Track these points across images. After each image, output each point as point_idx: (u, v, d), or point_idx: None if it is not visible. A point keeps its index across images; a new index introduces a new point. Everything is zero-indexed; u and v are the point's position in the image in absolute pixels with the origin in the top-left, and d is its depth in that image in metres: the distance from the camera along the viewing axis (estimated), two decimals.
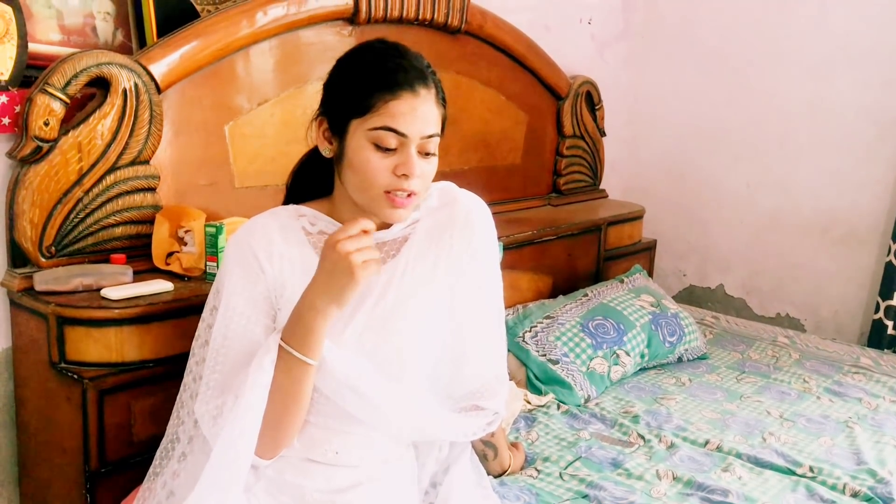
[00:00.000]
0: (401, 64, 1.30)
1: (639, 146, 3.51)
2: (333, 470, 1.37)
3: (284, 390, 1.26)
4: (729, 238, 3.30)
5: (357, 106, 1.29)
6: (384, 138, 1.27)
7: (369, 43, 1.38)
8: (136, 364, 1.63)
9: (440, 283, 1.42)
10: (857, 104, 2.93)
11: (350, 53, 1.37)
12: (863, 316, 2.99)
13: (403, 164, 1.28)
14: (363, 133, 1.29)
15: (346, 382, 1.31)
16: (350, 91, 1.31)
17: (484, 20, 2.51)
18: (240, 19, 1.92)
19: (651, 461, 1.87)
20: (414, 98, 1.28)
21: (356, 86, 1.30)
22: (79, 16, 1.85)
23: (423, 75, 1.31)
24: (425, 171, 1.32)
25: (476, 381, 1.47)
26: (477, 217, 1.46)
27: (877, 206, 2.93)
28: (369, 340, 1.36)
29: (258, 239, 1.35)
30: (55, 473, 1.69)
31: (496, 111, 2.67)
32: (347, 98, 1.31)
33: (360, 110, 1.29)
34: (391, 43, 1.37)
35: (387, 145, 1.28)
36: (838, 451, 1.97)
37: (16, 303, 1.71)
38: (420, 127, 1.29)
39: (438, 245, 1.42)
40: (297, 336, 1.25)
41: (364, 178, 1.30)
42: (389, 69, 1.29)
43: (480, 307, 1.47)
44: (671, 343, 2.49)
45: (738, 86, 3.21)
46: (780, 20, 3.08)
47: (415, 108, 1.28)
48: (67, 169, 1.70)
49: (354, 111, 1.29)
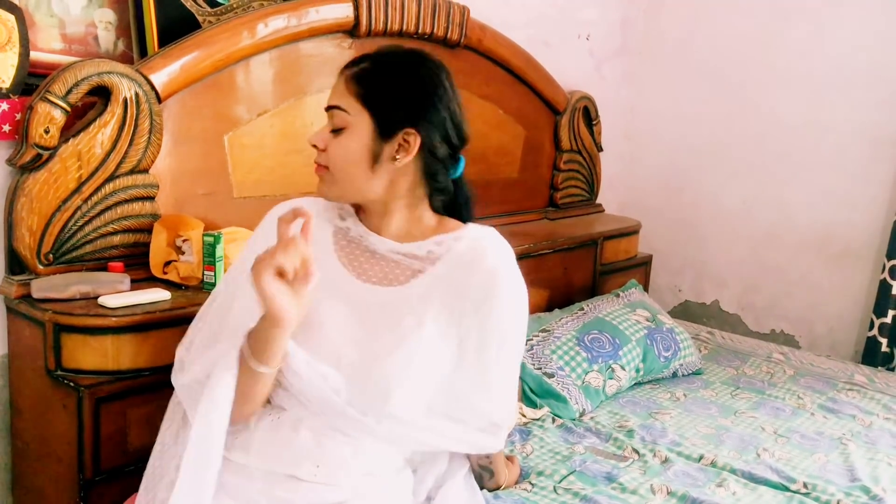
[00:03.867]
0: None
1: (635, 161, 3.52)
2: (319, 487, 1.36)
3: (240, 389, 1.29)
4: (724, 254, 3.31)
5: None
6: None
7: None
8: (132, 372, 1.63)
9: (441, 325, 1.38)
10: (853, 122, 2.95)
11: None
12: (857, 333, 3.00)
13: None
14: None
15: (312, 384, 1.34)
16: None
17: (483, 35, 2.53)
18: (241, 30, 1.93)
19: (645, 476, 1.87)
20: (338, 76, 1.38)
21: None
22: (80, 25, 1.85)
23: (357, 58, 1.39)
24: (331, 144, 1.37)
25: (483, 421, 1.46)
26: (499, 279, 1.41)
27: (872, 224, 2.94)
28: (348, 357, 1.34)
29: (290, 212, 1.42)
30: (49, 481, 1.69)
31: (494, 125, 2.69)
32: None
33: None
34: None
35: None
36: (832, 467, 1.97)
37: (13, 310, 1.71)
38: (329, 99, 1.38)
39: (452, 290, 1.38)
40: (255, 346, 1.28)
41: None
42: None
43: (500, 358, 1.43)
44: (666, 358, 2.49)
45: (734, 103, 3.23)
46: (778, 38, 3.10)
47: (333, 84, 1.39)
48: (67, 177, 1.70)
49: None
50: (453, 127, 1.39)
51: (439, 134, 1.37)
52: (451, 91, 1.40)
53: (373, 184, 1.38)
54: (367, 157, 1.36)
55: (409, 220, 1.43)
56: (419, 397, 1.39)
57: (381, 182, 1.38)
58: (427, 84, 1.38)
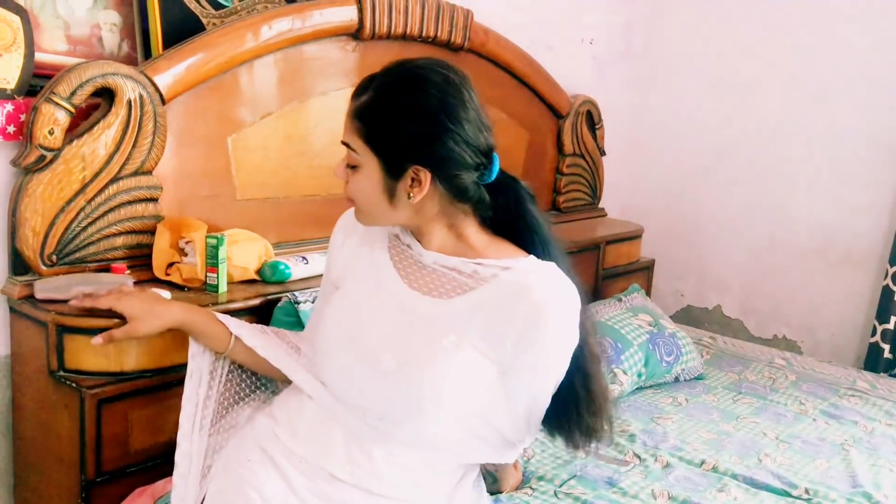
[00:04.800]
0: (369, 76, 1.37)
1: (638, 166, 3.52)
2: (356, 490, 1.38)
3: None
4: (727, 259, 3.31)
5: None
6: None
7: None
8: (134, 374, 1.63)
9: (478, 350, 1.34)
10: (856, 128, 2.95)
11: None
12: (859, 339, 3.00)
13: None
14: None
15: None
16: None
17: (486, 38, 2.53)
18: (245, 33, 1.94)
19: (647, 480, 1.86)
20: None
21: None
22: (85, 26, 1.86)
23: (362, 86, 1.35)
24: (350, 180, 1.37)
25: (504, 442, 1.47)
26: (545, 314, 1.32)
27: (874, 230, 2.94)
28: (386, 363, 1.35)
29: (344, 224, 1.52)
30: (51, 482, 1.69)
31: (497, 129, 2.61)
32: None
33: None
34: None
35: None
36: (834, 473, 1.97)
37: (16, 310, 1.71)
38: (343, 134, 1.36)
39: (495, 321, 1.33)
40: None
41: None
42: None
43: (533, 393, 1.41)
44: (668, 363, 2.49)
45: (737, 108, 3.23)
46: (781, 44, 3.11)
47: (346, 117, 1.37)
48: (70, 178, 1.70)
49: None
50: (469, 147, 1.32)
51: (454, 162, 1.31)
52: (460, 110, 1.31)
53: (398, 214, 1.36)
54: (383, 194, 1.34)
55: (453, 237, 1.39)
56: (449, 414, 1.37)
57: (406, 212, 1.36)
58: (429, 114, 1.30)
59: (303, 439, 1.41)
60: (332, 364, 1.42)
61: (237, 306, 1.77)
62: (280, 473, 1.38)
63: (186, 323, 1.52)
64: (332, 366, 1.42)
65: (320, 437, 1.40)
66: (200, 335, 1.53)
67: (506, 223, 1.42)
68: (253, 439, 1.44)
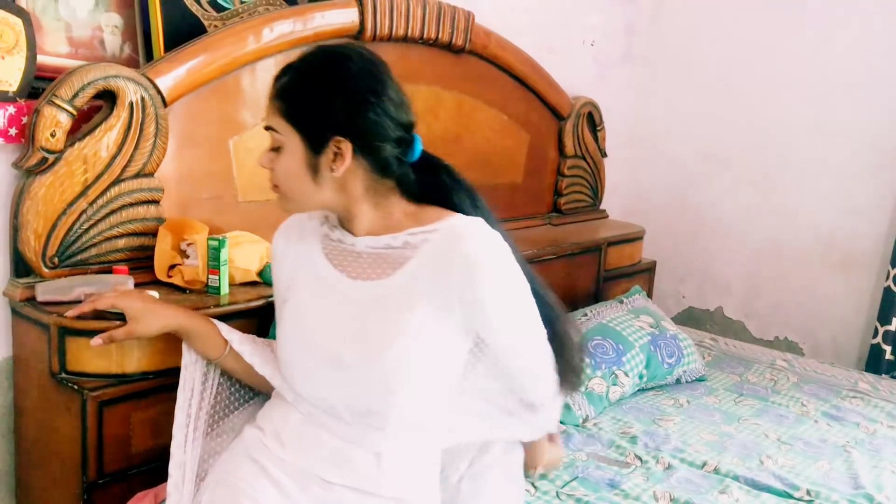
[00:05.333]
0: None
1: (640, 167, 3.53)
2: (350, 492, 1.38)
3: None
4: (728, 261, 3.31)
5: None
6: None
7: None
8: (136, 376, 1.63)
9: (430, 316, 1.35)
10: (858, 130, 2.95)
11: None
12: (861, 340, 3.00)
13: None
14: None
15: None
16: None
17: (488, 40, 2.53)
18: (246, 35, 1.94)
19: (648, 482, 1.86)
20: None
21: None
22: (87, 28, 1.86)
23: (281, 71, 1.38)
24: (274, 164, 1.38)
25: (511, 405, 1.49)
26: (479, 266, 1.33)
27: (876, 232, 2.94)
28: (348, 357, 1.36)
29: (282, 233, 1.54)
30: (52, 484, 1.69)
31: (498, 130, 2.69)
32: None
33: None
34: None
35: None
36: (836, 475, 1.97)
37: (18, 312, 1.71)
38: (265, 119, 1.40)
39: (434, 280, 1.34)
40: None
41: None
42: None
43: (512, 344, 1.42)
44: (670, 364, 2.49)
45: (739, 109, 3.24)
46: (782, 45, 3.11)
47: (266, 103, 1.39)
48: (72, 180, 1.71)
49: None
50: (389, 119, 1.34)
51: (374, 133, 1.33)
52: (380, 86, 1.34)
53: (323, 194, 1.37)
54: (307, 171, 1.35)
55: (379, 216, 1.40)
56: (423, 390, 1.38)
57: (331, 190, 1.37)
58: (349, 89, 1.32)
59: (291, 447, 1.41)
60: (298, 373, 1.43)
61: (239, 308, 1.78)
62: (273, 482, 1.38)
63: (185, 326, 1.52)
64: (298, 375, 1.43)
65: (308, 442, 1.40)
66: (197, 339, 1.53)
67: (431, 195, 1.44)
68: (243, 451, 1.44)
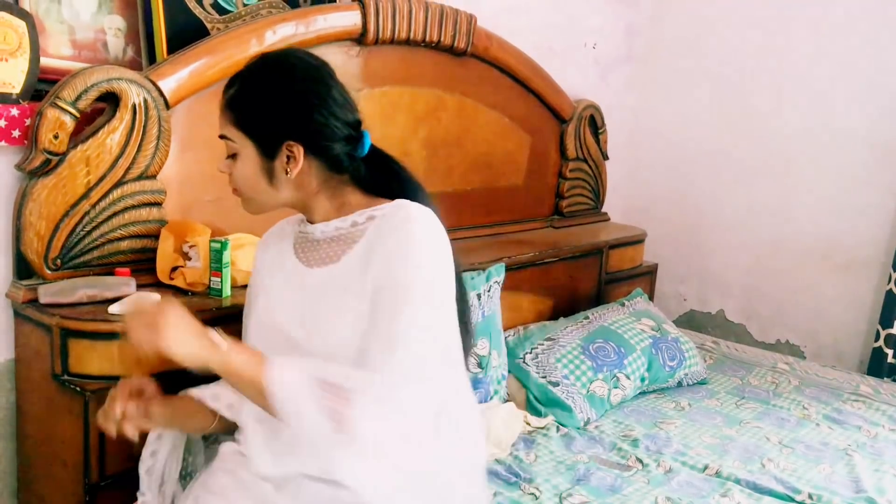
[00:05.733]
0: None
1: (641, 170, 3.53)
2: (329, 486, 1.37)
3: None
4: (729, 263, 3.31)
5: None
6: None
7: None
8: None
9: (365, 290, 1.35)
10: (859, 130, 2.96)
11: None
12: (863, 344, 3.00)
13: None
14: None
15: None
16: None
17: (490, 43, 2.53)
18: (249, 38, 1.94)
19: (649, 485, 1.86)
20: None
21: None
22: (90, 31, 1.86)
23: (229, 81, 1.41)
24: (231, 168, 1.41)
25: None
26: (408, 223, 1.36)
27: (877, 234, 2.94)
28: (296, 338, 1.38)
29: (265, 239, 1.57)
30: (54, 485, 1.69)
31: (500, 133, 2.69)
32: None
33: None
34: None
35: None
36: (837, 478, 1.97)
37: (20, 314, 1.71)
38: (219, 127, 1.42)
39: (373, 251, 1.37)
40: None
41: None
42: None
43: (385, 304, 1.31)
44: (671, 367, 2.49)
45: (739, 111, 3.24)
46: (783, 46, 3.11)
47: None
48: (75, 182, 1.71)
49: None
50: (336, 120, 1.37)
51: (323, 134, 1.37)
52: (323, 88, 1.38)
53: (280, 195, 1.41)
54: (263, 175, 1.39)
55: (336, 206, 1.44)
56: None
57: (288, 190, 1.41)
58: (296, 93, 1.36)
59: (256, 455, 1.41)
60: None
61: (240, 310, 1.77)
62: (251, 494, 1.39)
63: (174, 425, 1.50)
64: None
65: (265, 452, 1.40)
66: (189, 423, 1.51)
67: (384, 188, 1.47)
68: (220, 468, 1.45)
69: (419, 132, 2.40)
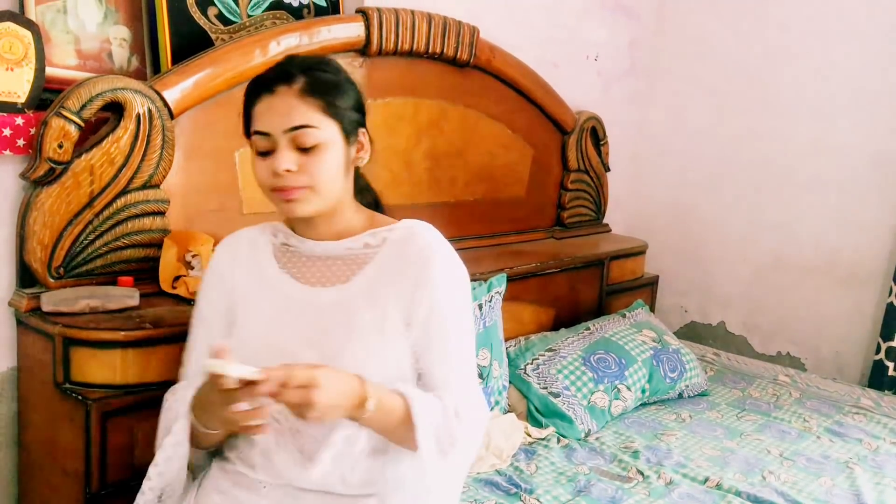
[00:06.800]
0: (268, 72, 1.36)
1: (643, 182, 3.53)
2: (329, 497, 1.37)
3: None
4: (731, 275, 3.31)
5: (245, 122, 1.38)
6: (256, 142, 1.34)
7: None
8: (140, 387, 1.63)
9: (390, 314, 1.37)
10: (860, 146, 2.96)
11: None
12: (864, 357, 2.99)
13: (274, 161, 1.32)
14: (251, 144, 1.36)
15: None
16: (243, 111, 1.39)
17: (492, 55, 2.55)
18: (253, 48, 1.95)
19: (650, 497, 1.86)
20: (271, 98, 1.32)
21: (244, 104, 1.38)
22: (95, 41, 1.88)
23: (285, 74, 1.33)
24: (307, 164, 1.32)
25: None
26: (433, 252, 1.40)
27: (878, 248, 2.94)
28: (310, 358, 1.31)
29: (226, 248, 1.48)
30: (55, 494, 1.69)
31: (502, 144, 2.70)
32: (243, 118, 1.39)
33: (246, 125, 1.37)
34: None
35: (260, 148, 1.33)
36: (838, 491, 1.97)
37: (23, 322, 1.72)
38: (280, 121, 1.31)
39: (392, 277, 1.38)
40: (203, 418, 1.33)
41: (257, 182, 1.36)
42: (257, 81, 1.36)
43: (436, 331, 1.38)
44: (672, 379, 2.49)
45: (741, 125, 3.24)
46: (785, 61, 3.12)
47: (272, 106, 1.32)
48: (79, 191, 1.71)
49: (246, 128, 1.38)
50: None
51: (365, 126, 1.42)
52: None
53: (345, 188, 1.40)
54: (343, 164, 1.37)
55: (341, 221, 1.42)
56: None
57: (348, 184, 1.41)
58: (355, 83, 1.40)
59: (260, 465, 1.38)
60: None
61: None
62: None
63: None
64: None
65: (275, 455, 1.37)
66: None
67: (366, 200, 1.51)
68: (212, 487, 1.41)
69: (422, 143, 2.41)
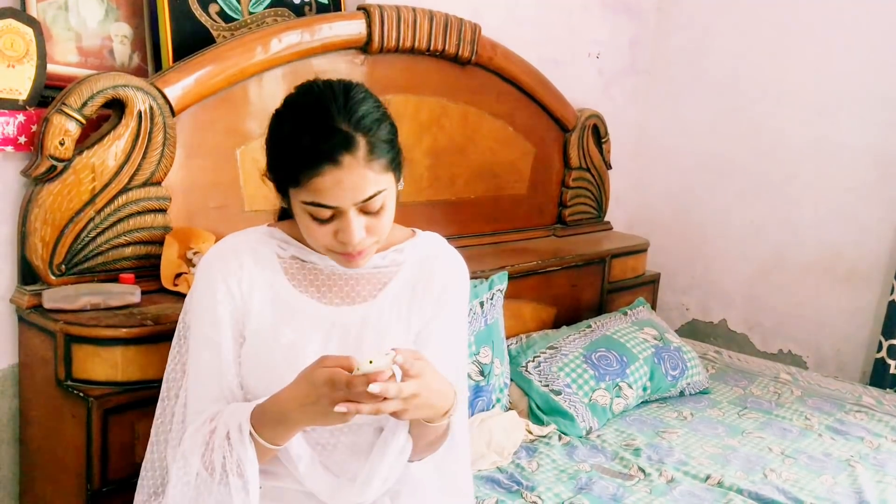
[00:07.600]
0: (320, 134, 1.20)
1: (644, 180, 3.53)
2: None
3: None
4: (732, 273, 3.31)
5: (288, 178, 1.24)
6: (316, 212, 1.23)
7: (301, 96, 1.28)
8: (141, 384, 1.64)
9: (413, 326, 1.38)
10: (862, 143, 2.96)
11: (281, 112, 1.28)
12: (865, 355, 2.99)
13: (342, 231, 1.23)
14: (299, 203, 1.24)
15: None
16: (279, 163, 1.27)
17: (494, 52, 2.54)
18: (254, 46, 1.95)
19: (651, 495, 1.86)
20: (338, 170, 1.18)
21: (284, 159, 1.25)
22: (97, 38, 1.87)
23: (346, 140, 1.19)
24: (374, 226, 1.25)
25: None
26: (454, 274, 1.42)
27: (880, 246, 2.94)
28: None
29: (228, 262, 1.32)
30: (56, 491, 1.69)
31: (504, 142, 2.70)
32: (279, 169, 1.27)
33: (291, 182, 1.24)
34: (322, 92, 1.26)
35: (320, 216, 1.23)
36: (840, 489, 1.96)
37: (24, 320, 1.72)
38: (350, 196, 1.20)
39: (414, 293, 1.38)
40: (269, 428, 1.21)
41: (310, 238, 1.28)
42: (308, 145, 1.19)
43: (446, 346, 1.39)
44: (673, 377, 2.49)
45: (743, 123, 3.24)
46: (786, 58, 3.11)
47: (340, 181, 1.19)
48: (80, 188, 1.72)
49: (287, 182, 1.25)
50: None
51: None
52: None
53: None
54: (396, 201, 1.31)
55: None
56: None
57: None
58: (386, 108, 1.29)
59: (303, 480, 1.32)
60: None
61: None
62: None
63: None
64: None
65: (326, 475, 1.32)
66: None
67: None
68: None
69: (423, 140, 2.41)
